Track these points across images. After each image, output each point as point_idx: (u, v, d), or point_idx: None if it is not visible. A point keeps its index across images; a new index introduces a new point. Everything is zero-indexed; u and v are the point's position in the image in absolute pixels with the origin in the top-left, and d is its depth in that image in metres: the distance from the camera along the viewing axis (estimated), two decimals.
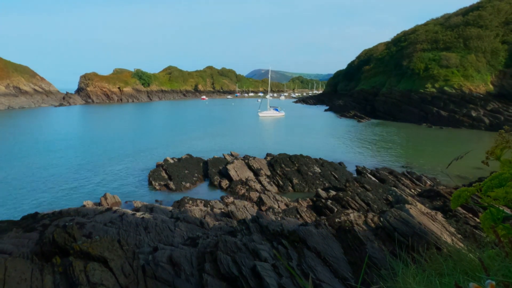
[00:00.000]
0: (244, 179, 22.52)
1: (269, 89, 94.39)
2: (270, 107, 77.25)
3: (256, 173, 23.66)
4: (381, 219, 10.15)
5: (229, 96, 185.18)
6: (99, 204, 17.80)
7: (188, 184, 22.72)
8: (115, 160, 28.17)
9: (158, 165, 25.88)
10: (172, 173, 23.42)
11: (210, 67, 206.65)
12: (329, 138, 42.05)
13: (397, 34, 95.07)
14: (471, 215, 12.85)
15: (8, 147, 33.86)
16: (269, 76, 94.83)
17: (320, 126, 57.80)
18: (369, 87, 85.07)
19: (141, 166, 26.35)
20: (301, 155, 27.04)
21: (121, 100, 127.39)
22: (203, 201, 18.33)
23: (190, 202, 18.42)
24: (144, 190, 20.53)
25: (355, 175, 24.20)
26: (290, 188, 22.07)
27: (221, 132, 46.74)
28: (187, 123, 59.01)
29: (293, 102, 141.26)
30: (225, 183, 22.54)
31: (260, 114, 72.68)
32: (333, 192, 18.15)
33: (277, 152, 30.32)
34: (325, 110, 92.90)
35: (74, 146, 34.91)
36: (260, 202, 17.30)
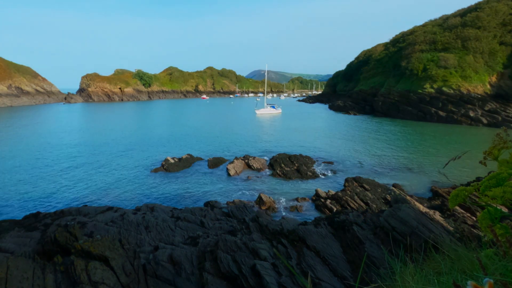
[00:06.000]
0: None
1: (265, 87, 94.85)
2: (267, 104, 79.31)
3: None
4: (380, 218, 10.23)
5: (231, 96, 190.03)
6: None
7: (188, 184, 22.74)
8: (116, 160, 28.14)
9: (159, 165, 25.93)
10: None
11: (210, 68, 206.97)
12: (329, 135, 42.12)
13: (396, 35, 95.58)
14: (469, 215, 12.96)
15: (8, 146, 33.76)
16: (266, 73, 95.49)
17: (321, 123, 57.90)
18: (368, 87, 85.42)
19: (142, 165, 26.35)
20: (300, 155, 27.15)
21: (122, 100, 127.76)
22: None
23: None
24: (145, 190, 20.55)
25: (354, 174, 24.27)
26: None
27: (221, 131, 46.73)
28: (188, 123, 58.93)
29: (296, 100, 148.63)
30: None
31: (257, 112, 73.67)
32: (332, 192, 18.23)
33: (277, 151, 30.42)
34: (328, 108, 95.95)
35: (75, 145, 34.84)
36: (260, 202, 17.36)
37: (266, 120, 64.50)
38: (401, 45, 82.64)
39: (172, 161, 25.70)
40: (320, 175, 23.31)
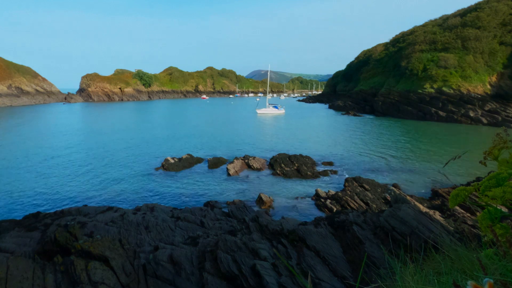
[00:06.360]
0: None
1: (268, 87, 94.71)
2: (269, 104, 79.21)
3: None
4: (380, 218, 10.23)
5: (231, 96, 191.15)
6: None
7: (188, 184, 22.74)
8: (116, 160, 28.14)
9: (159, 165, 25.93)
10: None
11: (210, 68, 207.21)
12: (329, 135, 42.13)
13: (396, 35, 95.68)
14: (469, 215, 12.95)
15: (9, 146, 33.76)
16: (268, 73, 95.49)
17: (321, 123, 57.90)
18: (368, 87, 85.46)
19: (142, 165, 26.35)
20: (300, 155, 27.15)
21: (122, 100, 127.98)
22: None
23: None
24: (145, 190, 20.55)
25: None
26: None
27: (221, 131, 46.73)
28: (188, 123, 58.92)
29: (296, 100, 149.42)
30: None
31: (258, 111, 73.64)
32: (332, 192, 18.23)
33: (277, 151, 30.41)
34: (328, 108, 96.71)
35: (76, 145, 34.84)
36: (260, 202, 17.36)
37: (266, 120, 64.52)
38: (401, 45, 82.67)
39: (172, 161, 25.70)
40: (320, 175, 23.31)
